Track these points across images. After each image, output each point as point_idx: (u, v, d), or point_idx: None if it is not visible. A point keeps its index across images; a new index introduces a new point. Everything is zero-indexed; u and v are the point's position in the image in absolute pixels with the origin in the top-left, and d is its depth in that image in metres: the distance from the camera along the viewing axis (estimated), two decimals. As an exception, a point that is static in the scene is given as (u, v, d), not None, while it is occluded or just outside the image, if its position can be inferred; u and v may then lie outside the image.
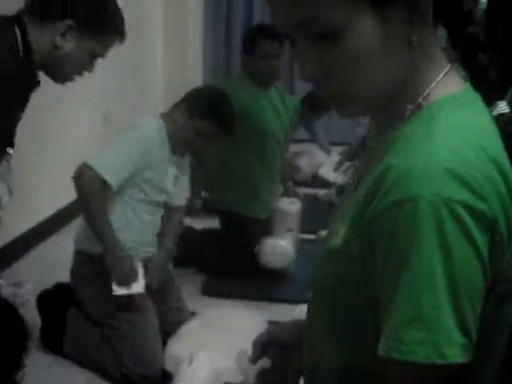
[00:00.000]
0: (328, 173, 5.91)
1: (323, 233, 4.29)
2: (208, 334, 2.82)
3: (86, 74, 2.09)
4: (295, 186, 5.09)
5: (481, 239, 0.80)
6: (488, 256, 0.82)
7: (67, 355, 2.80)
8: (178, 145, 2.83)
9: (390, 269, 0.83)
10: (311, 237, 4.23)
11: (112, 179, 2.58)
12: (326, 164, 6.03)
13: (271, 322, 3.05)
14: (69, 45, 1.90)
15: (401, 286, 0.81)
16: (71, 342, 2.80)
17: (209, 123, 2.81)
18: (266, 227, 3.73)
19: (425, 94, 0.90)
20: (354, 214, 0.90)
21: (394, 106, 0.92)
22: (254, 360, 1.34)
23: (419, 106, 0.90)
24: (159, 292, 2.91)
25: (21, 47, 1.82)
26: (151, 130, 2.72)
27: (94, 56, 2.02)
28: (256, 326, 2.94)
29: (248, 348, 2.75)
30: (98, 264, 2.70)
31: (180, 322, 2.95)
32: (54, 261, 3.58)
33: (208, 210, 4.31)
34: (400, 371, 0.83)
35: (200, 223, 4.19)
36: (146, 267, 2.80)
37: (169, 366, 2.72)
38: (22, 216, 2.38)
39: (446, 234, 0.79)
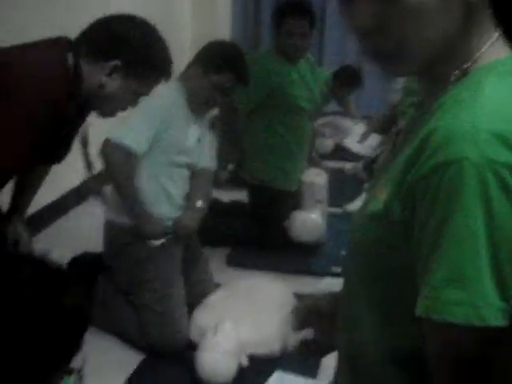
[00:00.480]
0: (353, 144, 5.89)
1: (349, 206, 4.33)
2: (234, 305, 2.83)
3: None
4: (320, 158, 5.08)
5: None
6: None
7: (93, 323, 2.82)
8: (197, 103, 2.82)
9: (431, 230, 0.82)
10: (337, 210, 4.22)
11: (136, 146, 2.62)
12: (351, 135, 6.01)
13: (298, 295, 3.05)
14: (114, 84, 1.92)
15: (442, 245, 0.80)
16: (98, 310, 2.82)
17: (224, 76, 2.81)
18: (294, 200, 3.73)
19: (474, 58, 0.89)
20: (396, 178, 0.89)
21: (440, 70, 0.90)
22: (296, 328, 1.33)
23: (466, 72, 0.89)
24: (187, 262, 2.93)
25: (72, 75, 1.85)
26: (168, 92, 2.73)
27: (137, 95, 2.04)
28: (282, 297, 2.95)
29: (275, 319, 2.77)
30: (127, 234, 2.74)
31: (206, 293, 2.96)
32: (82, 230, 3.61)
33: (235, 182, 4.32)
34: (437, 332, 0.83)
35: (227, 196, 4.19)
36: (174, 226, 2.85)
37: (194, 336, 2.73)
38: (50, 185, 2.39)
39: (490, 197, 0.78)
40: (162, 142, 2.72)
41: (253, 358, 2.63)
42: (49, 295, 1.21)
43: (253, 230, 3.69)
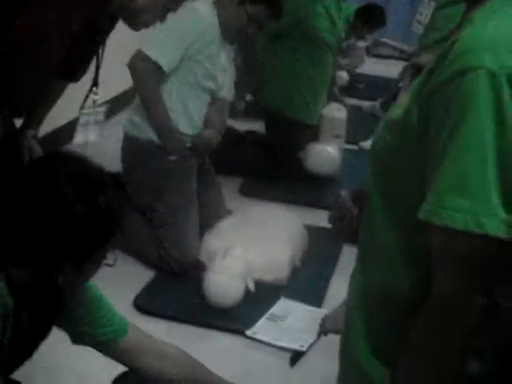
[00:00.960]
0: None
1: (365, 144, 4.30)
2: (244, 231, 2.86)
3: None
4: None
5: None
6: None
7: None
8: (229, 30, 2.82)
9: (443, 138, 0.82)
10: (353, 147, 4.21)
11: (166, 62, 2.64)
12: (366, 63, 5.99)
13: (309, 227, 3.08)
14: None
15: (449, 153, 0.81)
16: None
17: (259, 7, 2.82)
18: (312, 133, 3.72)
19: None
20: (417, 86, 0.89)
21: None
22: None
23: None
24: (201, 185, 2.96)
25: None
26: (204, 14, 2.74)
27: (166, 10, 2.06)
28: (293, 228, 2.98)
29: (284, 248, 2.80)
30: (147, 148, 2.78)
31: (217, 217, 3.00)
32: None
33: (252, 113, 4.30)
34: (438, 237, 0.84)
35: (243, 126, 4.18)
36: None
37: (203, 258, 2.78)
38: (70, 103, 2.39)
39: (502, 106, 0.78)
40: (193, 62, 2.73)
41: (260, 284, 2.68)
42: (87, 193, 1.30)
43: (268, 160, 3.69)
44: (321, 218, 3.23)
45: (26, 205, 1.30)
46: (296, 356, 2.36)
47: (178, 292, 2.68)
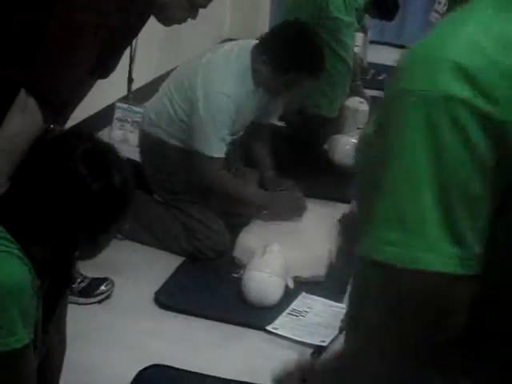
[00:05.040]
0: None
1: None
2: (280, 228, 2.84)
3: None
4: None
5: (481, 143, 0.70)
6: (495, 164, 0.71)
7: (129, 237, 2.88)
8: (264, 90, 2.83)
9: (378, 167, 0.75)
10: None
11: (223, 153, 2.75)
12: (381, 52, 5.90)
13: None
14: None
15: (384, 186, 0.73)
16: (136, 223, 2.84)
17: (294, 75, 2.78)
18: (335, 126, 3.69)
19: None
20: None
21: None
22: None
23: None
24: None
25: None
26: (233, 89, 2.70)
27: (195, 5, 2.08)
28: (326, 221, 2.97)
29: (320, 244, 2.78)
30: (161, 148, 2.82)
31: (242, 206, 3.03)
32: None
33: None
34: (370, 272, 0.75)
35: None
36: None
37: (238, 254, 2.78)
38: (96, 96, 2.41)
39: (438, 135, 0.70)
40: None
41: (297, 281, 2.68)
42: (102, 170, 1.38)
43: (291, 155, 3.65)
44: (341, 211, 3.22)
45: (43, 184, 1.37)
46: (317, 351, 2.34)
47: (197, 287, 2.67)
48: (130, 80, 2.22)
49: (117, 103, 2.23)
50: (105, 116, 4.07)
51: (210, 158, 2.73)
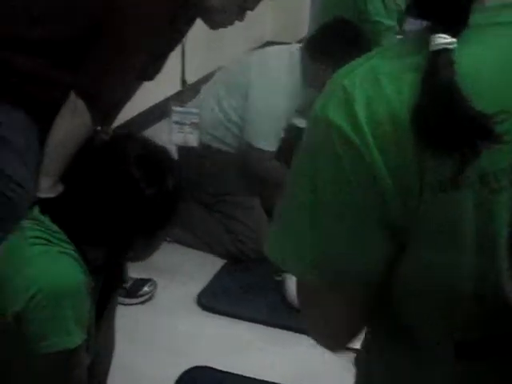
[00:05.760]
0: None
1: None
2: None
3: None
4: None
5: (351, 171, 0.72)
6: (364, 189, 0.73)
7: (173, 239, 2.89)
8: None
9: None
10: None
11: (274, 146, 2.84)
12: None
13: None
14: None
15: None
16: (180, 226, 2.85)
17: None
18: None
19: None
20: None
21: None
22: None
23: None
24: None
25: None
26: (287, 86, 2.79)
27: (243, 9, 2.07)
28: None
29: None
30: (211, 153, 2.85)
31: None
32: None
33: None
34: None
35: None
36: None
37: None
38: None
39: (317, 157, 0.74)
40: None
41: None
42: (156, 175, 1.39)
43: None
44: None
45: (99, 186, 1.38)
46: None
47: (240, 289, 2.67)
48: (184, 81, 2.22)
49: (173, 107, 2.23)
50: (150, 114, 4.12)
51: (265, 152, 2.80)
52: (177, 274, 2.74)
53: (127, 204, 1.37)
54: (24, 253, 1.35)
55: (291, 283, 2.52)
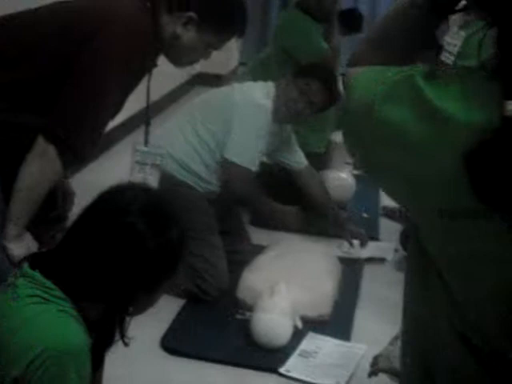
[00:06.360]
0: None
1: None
2: (284, 267, 2.81)
3: None
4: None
5: None
6: None
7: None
8: (279, 111, 2.94)
9: None
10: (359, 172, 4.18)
11: (255, 166, 2.87)
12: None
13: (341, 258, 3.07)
14: (188, 35, 1.97)
15: None
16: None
17: (308, 79, 2.97)
18: (323, 161, 3.70)
19: None
20: None
21: None
22: None
23: None
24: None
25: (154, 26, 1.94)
26: (266, 102, 2.89)
27: (209, 47, 2.08)
28: (328, 258, 2.96)
29: (325, 282, 2.79)
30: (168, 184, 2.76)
31: (240, 243, 3.11)
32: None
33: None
34: None
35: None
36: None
37: (242, 295, 2.74)
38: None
39: None
40: None
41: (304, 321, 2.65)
42: (160, 227, 1.33)
43: (279, 191, 3.64)
44: (335, 247, 3.22)
45: (100, 240, 1.31)
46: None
47: (203, 330, 2.61)
48: (148, 123, 2.18)
49: (136, 146, 2.18)
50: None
51: (245, 169, 2.83)
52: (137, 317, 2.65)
53: (131, 258, 1.30)
54: (21, 314, 1.27)
55: (256, 322, 2.49)
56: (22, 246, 1.90)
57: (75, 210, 2.54)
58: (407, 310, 1.03)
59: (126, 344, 1.44)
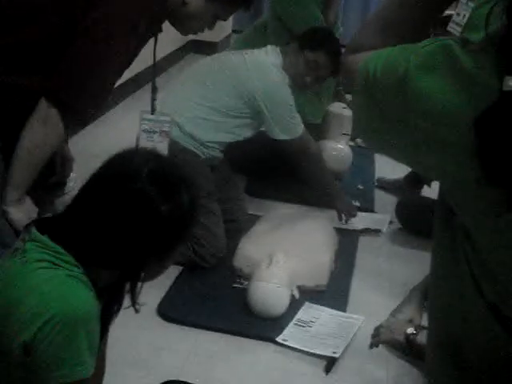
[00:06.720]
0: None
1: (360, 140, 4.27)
2: (281, 236, 2.81)
3: None
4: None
5: None
6: None
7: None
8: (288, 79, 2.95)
9: None
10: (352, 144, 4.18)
11: (301, 127, 3.01)
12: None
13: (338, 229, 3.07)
14: (196, 3, 1.99)
15: None
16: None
17: (317, 54, 2.97)
18: (320, 132, 3.68)
19: None
20: None
21: None
22: None
23: None
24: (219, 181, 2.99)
25: None
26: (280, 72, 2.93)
27: (216, 18, 2.10)
28: (324, 228, 2.95)
29: (322, 252, 2.80)
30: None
31: (239, 212, 3.12)
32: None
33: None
34: None
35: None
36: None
37: (239, 264, 2.74)
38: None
39: None
40: None
41: (301, 291, 2.66)
42: (171, 191, 1.31)
43: (275, 162, 3.62)
44: (331, 217, 3.22)
45: (111, 206, 1.28)
46: (330, 363, 2.33)
47: (200, 298, 2.61)
48: (154, 88, 2.15)
49: (142, 114, 2.15)
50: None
51: (297, 140, 2.95)
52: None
53: (142, 223, 1.28)
54: (30, 279, 1.25)
55: (254, 291, 2.50)
56: (21, 211, 1.89)
57: (72, 175, 2.57)
58: (436, 286, 1.03)
59: (136, 310, 1.43)
